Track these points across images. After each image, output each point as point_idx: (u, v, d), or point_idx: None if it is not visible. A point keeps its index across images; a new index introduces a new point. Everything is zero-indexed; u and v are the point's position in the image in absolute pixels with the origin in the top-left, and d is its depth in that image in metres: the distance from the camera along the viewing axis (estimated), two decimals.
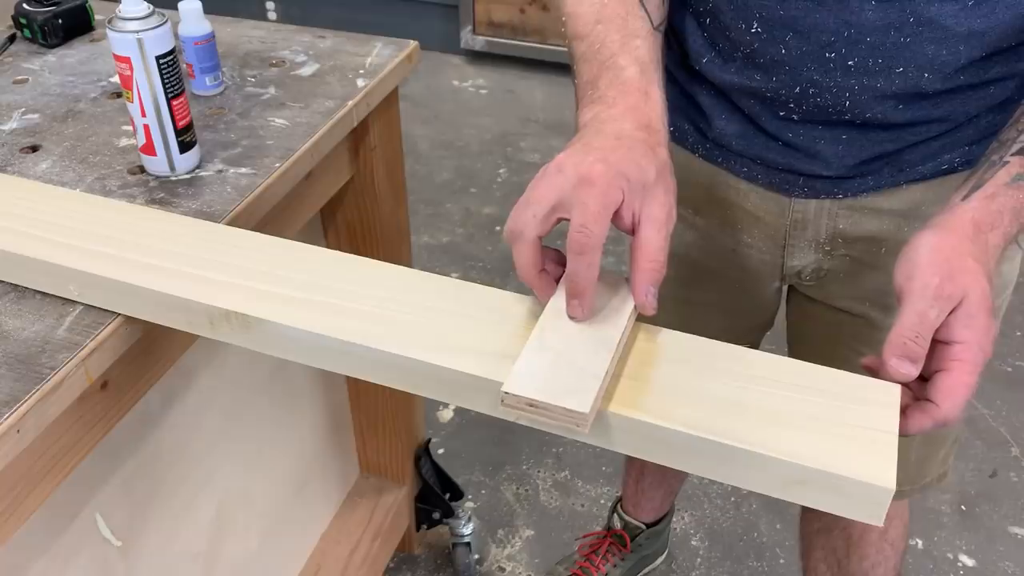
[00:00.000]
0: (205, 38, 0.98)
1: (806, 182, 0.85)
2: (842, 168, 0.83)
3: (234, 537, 1.13)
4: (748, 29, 0.77)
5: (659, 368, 0.60)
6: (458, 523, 1.56)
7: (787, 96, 0.79)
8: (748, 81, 0.80)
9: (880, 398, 0.57)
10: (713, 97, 0.86)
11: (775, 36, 0.75)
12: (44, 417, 0.65)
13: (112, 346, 0.70)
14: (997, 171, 0.66)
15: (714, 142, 0.89)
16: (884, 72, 0.74)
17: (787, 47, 0.75)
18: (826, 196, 0.86)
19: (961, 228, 0.62)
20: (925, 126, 0.79)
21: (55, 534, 0.80)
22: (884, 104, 0.76)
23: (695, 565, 1.64)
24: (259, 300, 0.65)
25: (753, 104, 0.82)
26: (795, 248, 0.91)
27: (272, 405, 1.17)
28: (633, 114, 0.65)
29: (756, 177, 0.88)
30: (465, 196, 2.62)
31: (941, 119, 0.79)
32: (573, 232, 0.58)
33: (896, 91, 0.75)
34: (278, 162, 0.90)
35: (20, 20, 1.12)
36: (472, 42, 3.35)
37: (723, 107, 0.85)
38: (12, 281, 0.74)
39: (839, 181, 0.84)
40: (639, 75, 0.68)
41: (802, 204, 0.87)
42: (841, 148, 0.81)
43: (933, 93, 0.75)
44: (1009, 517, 1.71)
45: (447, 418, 1.92)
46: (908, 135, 0.80)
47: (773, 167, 0.86)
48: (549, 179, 0.60)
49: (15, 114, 0.98)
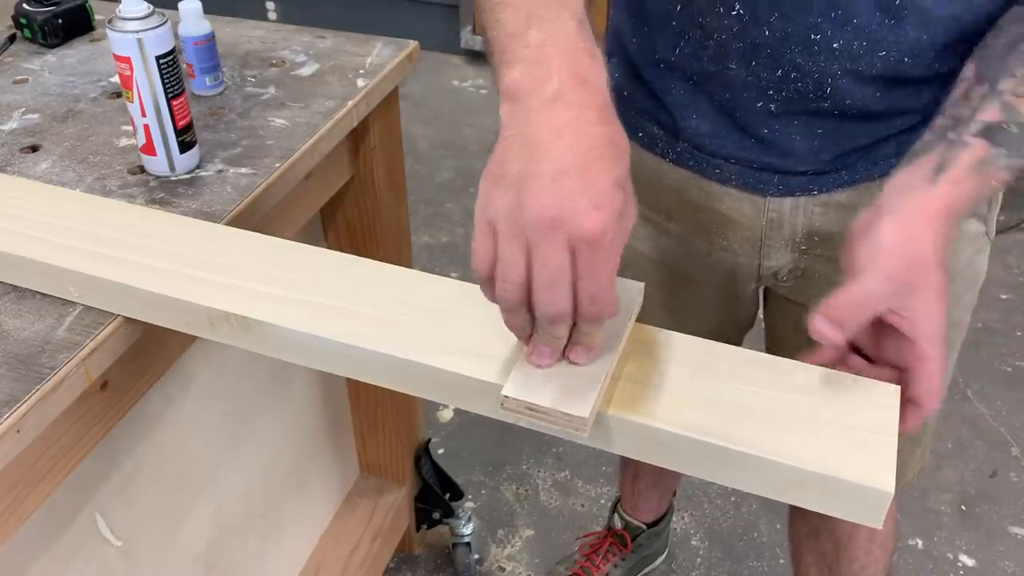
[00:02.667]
0: (205, 38, 0.98)
1: (781, 179, 0.84)
2: (818, 163, 0.82)
3: (234, 537, 1.13)
4: (728, 12, 0.75)
5: (658, 370, 0.60)
6: (458, 523, 1.56)
7: (767, 82, 0.77)
8: (723, 69, 0.79)
9: (879, 400, 0.57)
10: (685, 93, 0.84)
11: (759, 18, 0.74)
12: (44, 417, 0.65)
13: (112, 346, 0.70)
14: (959, 153, 0.64)
15: (686, 144, 0.87)
16: (867, 56, 0.73)
17: (771, 28, 0.74)
18: (801, 193, 0.85)
19: (927, 215, 0.61)
20: (900, 118, 0.79)
21: (55, 534, 0.80)
22: (864, 91, 0.76)
23: (695, 565, 1.64)
24: (259, 302, 0.65)
25: (728, 96, 0.81)
26: (771, 248, 0.90)
27: (272, 405, 1.17)
28: (584, 89, 0.52)
29: (730, 178, 0.87)
30: (465, 196, 2.62)
31: (915, 110, 0.79)
32: (585, 305, 0.51)
33: (876, 76, 0.75)
34: (278, 162, 0.90)
35: (20, 20, 1.12)
36: (472, 42, 3.35)
37: (696, 104, 0.83)
38: (12, 282, 0.74)
39: (814, 177, 0.84)
40: (579, 29, 0.54)
41: (777, 203, 0.86)
42: (817, 143, 0.81)
43: (911, 80, 0.75)
44: (1009, 517, 1.71)
45: (447, 418, 1.92)
46: (883, 127, 0.80)
47: (747, 166, 0.85)
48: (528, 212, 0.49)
49: (15, 114, 0.98)
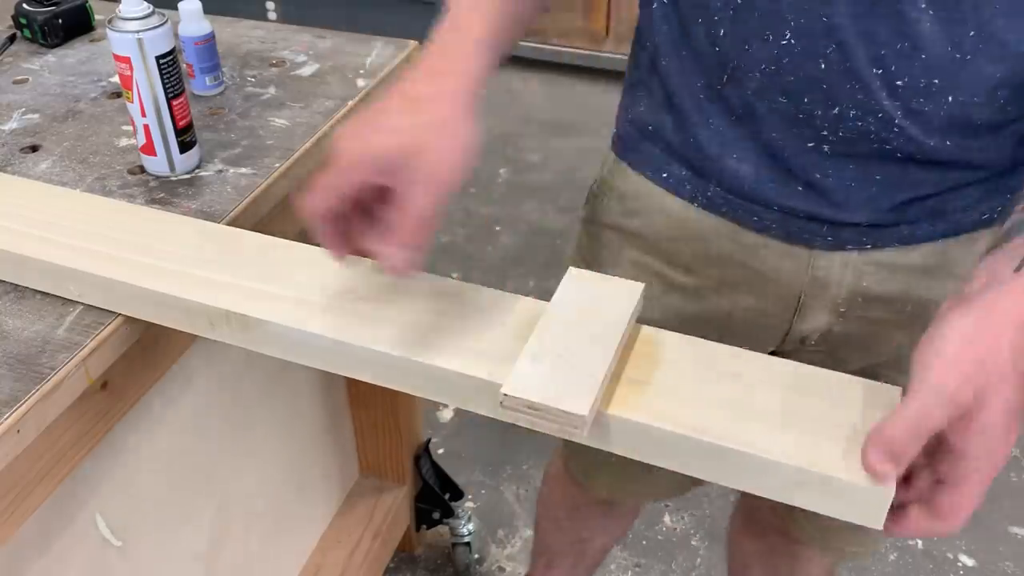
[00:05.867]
0: (205, 38, 0.98)
1: (831, 230, 0.75)
2: (875, 213, 0.73)
3: (234, 537, 1.13)
4: (777, 41, 0.66)
5: (658, 370, 0.60)
6: (458, 523, 1.56)
7: (821, 121, 0.68)
8: (771, 104, 0.70)
9: (880, 399, 0.57)
10: (726, 129, 0.74)
11: (814, 48, 0.65)
12: (44, 417, 0.65)
13: (112, 346, 0.70)
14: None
15: (719, 187, 0.77)
16: (936, 94, 0.65)
17: (827, 61, 0.65)
18: (853, 247, 0.76)
19: (1007, 313, 0.51)
20: (971, 171, 0.71)
21: (55, 534, 0.80)
22: (930, 133, 0.67)
23: (695, 565, 1.64)
24: (259, 300, 0.65)
25: (775, 136, 0.72)
26: (809, 310, 0.80)
27: (272, 405, 1.17)
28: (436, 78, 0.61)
29: (771, 227, 0.76)
30: (465, 196, 2.62)
31: (985, 163, 0.71)
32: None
33: (945, 117, 0.66)
34: (278, 162, 0.90)
35: (20, 20, 1.12)
36: None
37: (737, 141, 0.74)
38: (11, 280, 0.74)
39: (869, 230, 0.74)
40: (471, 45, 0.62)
41: (825, 258, 0.76)
42: (875, 189, 0.71)
43: (982, 125, 0.67)
44: (1009, 517, 1.71)
45: (447, 418, 1.92)
46: (950, 177, 0.71)
47: (792, 214, 0.75)
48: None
49: (15, 114, 0.98)
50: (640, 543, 1.68)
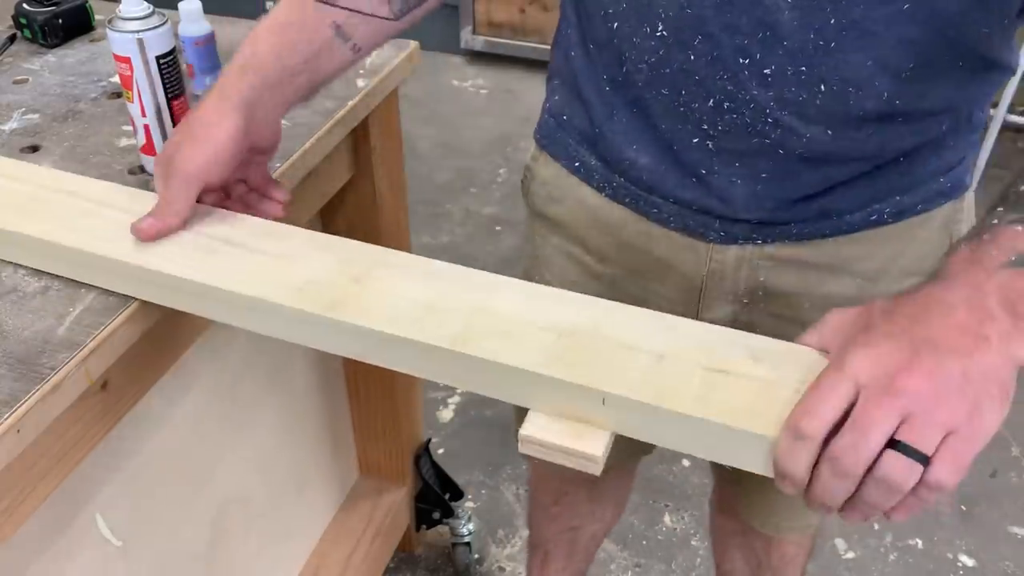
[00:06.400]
0: (205, 38, 0.98)
1: (722, 225, 0.77)
2: (761, 212, 0.75)
3: (234, 537, 1.13)
4: (653, 33, 0.69)
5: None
6: (458, 523, 1.56)
7: (699, 113, 0.70)
8: (657, 96, 0.72)
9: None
10: (628, 121, 0.76)
11: (683, 41, 0.67)
12: (44, 417, 0.65)
13: (112, 346, 0.70)
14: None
15: (623, 178, 0.80)
16: (807, 84, 0.66)
17: (696, 52, 0.67)
18: (745, 242, 0.78)
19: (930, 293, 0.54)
20: (855, 163, 0.72)
21: (55, 534, 0.80)
22: (808, 127, 0.68)
23: (695, 565, 1.64)
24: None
25: (665, 127, 0.74)
26: (710, 300, 0.83)
27: (272, 405, 1.17)
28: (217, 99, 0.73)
29: (668, 220, 0.79)
30: (465, 196, 2.62)
31: (871, 155, 0.72)
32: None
33: (821, 107, 0.67)
34: (278, 162, 0.90)
35: (20, 20, 1.12)
36: (472, 42, 3.35)
37: (637, 132, 0.76)
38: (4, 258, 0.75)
39: (759, 227, 0.77)
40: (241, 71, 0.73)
41: (720, 251, 0.79)
42: (760, 187, 0.73)
43: (863, 117, 0.68)
44: (1009, 517, 1.71)
45: (447, 418, 1.92)
46: (834, 172, 0.73)
47: (687, 207, 0.77)
48: None
49: (15, 114, 0.98)
50: (640, 543, 1.68)
